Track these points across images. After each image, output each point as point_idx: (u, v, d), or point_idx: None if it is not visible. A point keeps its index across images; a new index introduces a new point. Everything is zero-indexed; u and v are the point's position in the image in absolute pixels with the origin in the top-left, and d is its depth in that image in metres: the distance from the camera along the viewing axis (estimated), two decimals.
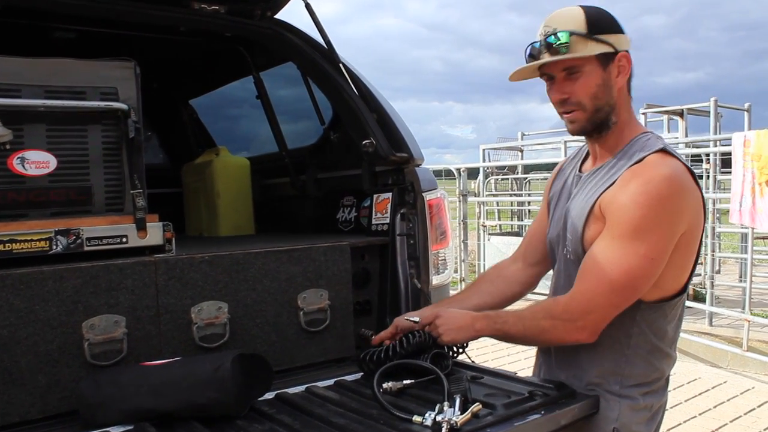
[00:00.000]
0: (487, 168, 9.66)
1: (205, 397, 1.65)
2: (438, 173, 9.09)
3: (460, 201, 8.68)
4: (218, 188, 3.23)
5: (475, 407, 1.58)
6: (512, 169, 10.92)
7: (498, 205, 10.77)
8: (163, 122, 3.99)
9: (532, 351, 2.09)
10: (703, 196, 1.66)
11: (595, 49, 1.64)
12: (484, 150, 10.07)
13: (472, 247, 9.04)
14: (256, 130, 3.40)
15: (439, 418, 1.51)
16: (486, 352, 5.84)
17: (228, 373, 1.66)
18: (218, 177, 3.24)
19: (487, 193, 9.47)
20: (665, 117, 8.67)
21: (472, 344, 1.95)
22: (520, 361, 5.60)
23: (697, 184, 1.65)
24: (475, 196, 9.35)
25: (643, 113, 7.88)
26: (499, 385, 1.85)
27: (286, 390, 1.92)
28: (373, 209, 2.62)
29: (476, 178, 9.55)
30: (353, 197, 2.79)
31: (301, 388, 1.95)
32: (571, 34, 1.63)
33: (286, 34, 2.62)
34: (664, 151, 1.64)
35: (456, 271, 8.34)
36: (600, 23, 1.66)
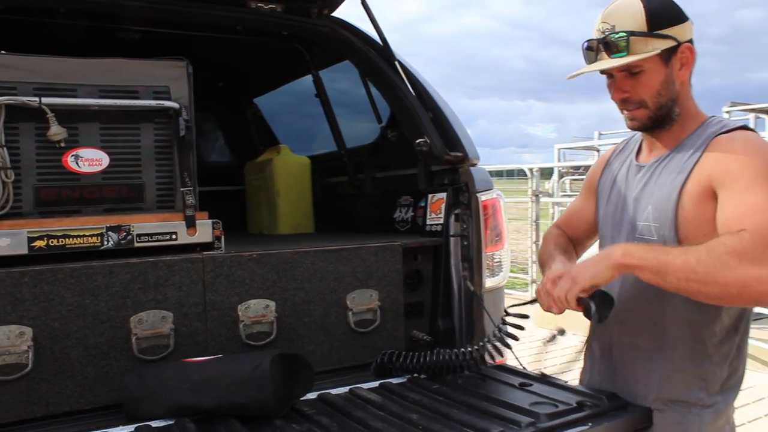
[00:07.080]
0: (562, 168, 9.41)
1: (244, 395, 1.65)
2: (510, 173, 8.94)
3: (532, 201, 8.48)
4: (278, 186, 3.25)
5: None
6: (588, 169, 10.58)
7: None
8: (228, 120, 4.05)
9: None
10: None
11: (656, 46, 1.55)
12: (559, 150, 9.83)
13: None
14: (317, 129, 3.40)
15: None
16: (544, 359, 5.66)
17: (267, 373, 1.66)
18: (278, 175, 3.26)
19: (562, 193, 9.22)
20: (752, 115, 8.20)
21: (522, 350, 1.87)
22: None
23: None
24: (549, 196, 9.13)
25: (727, 111, 7.48)
26: (547, 393, 1.79)
27: (329, 391, 1.90)
28: (428, 209, 2.57)
29: (550, 178, 9.32)
30: (410, 197, 2.75)
31: (345, 390, 1.93)
32: (631, 34, 1.54)
33: (343, 32, 2.61)
34: (746, 126, 1.58)
35: (526, 273, 8.16)
36: (661, 16, 1.56)
